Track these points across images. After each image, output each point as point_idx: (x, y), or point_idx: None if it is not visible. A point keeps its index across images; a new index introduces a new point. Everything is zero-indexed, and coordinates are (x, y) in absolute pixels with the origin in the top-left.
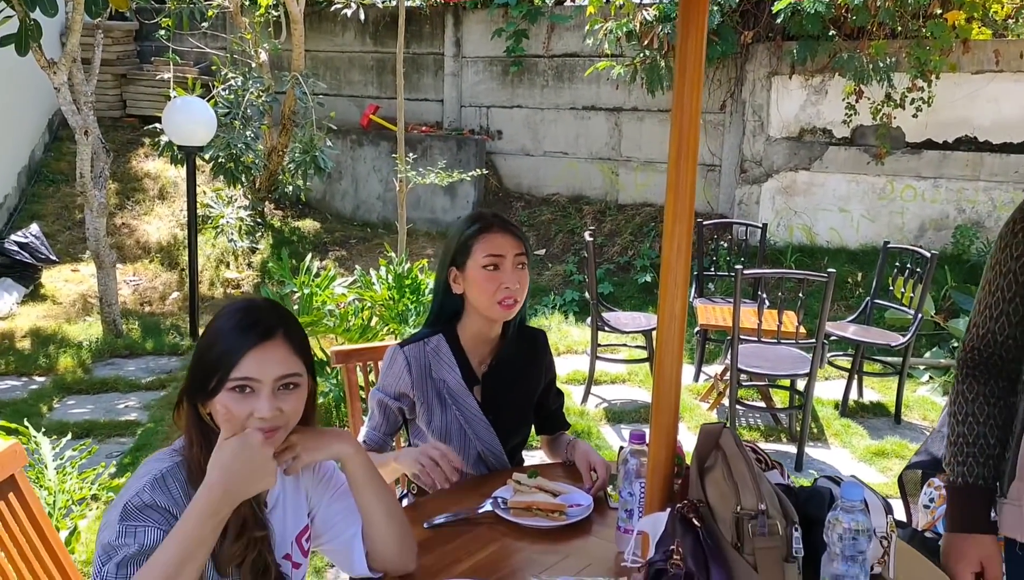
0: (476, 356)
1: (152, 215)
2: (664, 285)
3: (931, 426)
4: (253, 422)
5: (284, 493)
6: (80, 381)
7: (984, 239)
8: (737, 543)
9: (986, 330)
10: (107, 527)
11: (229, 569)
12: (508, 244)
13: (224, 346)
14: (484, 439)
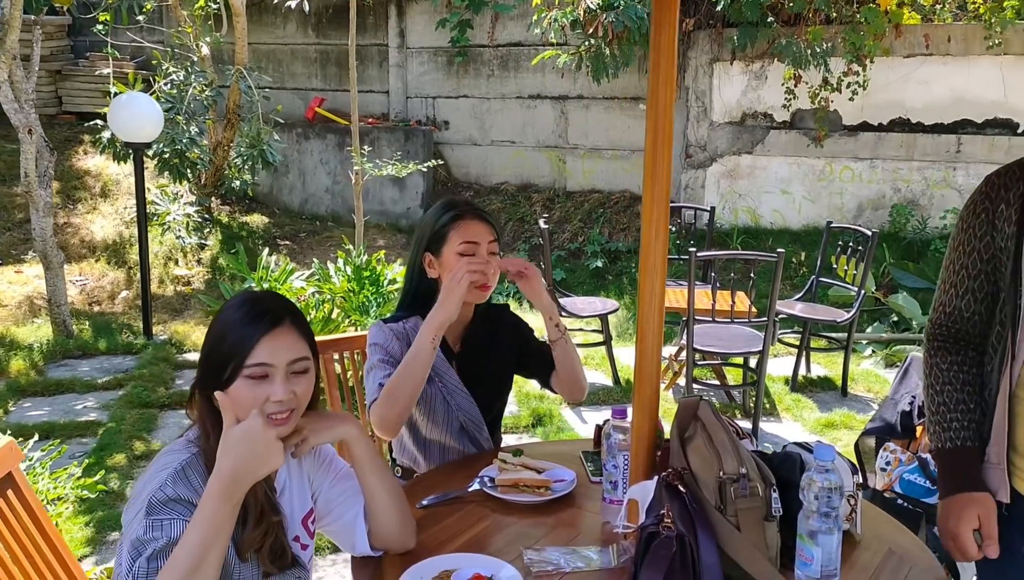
0: (451, 335)
1: (95, 214)
2: (644, 264)
3: (876, 398)
4: (269, 406)
5: (290, 478)
6: (34, 383)
7: (919, 217)
8: (720, 506)
9: (952, 308)
10: (132, 523)
11: (248, 555)
12: (482, 231)
13: (236, 336)
14: (465, 410)
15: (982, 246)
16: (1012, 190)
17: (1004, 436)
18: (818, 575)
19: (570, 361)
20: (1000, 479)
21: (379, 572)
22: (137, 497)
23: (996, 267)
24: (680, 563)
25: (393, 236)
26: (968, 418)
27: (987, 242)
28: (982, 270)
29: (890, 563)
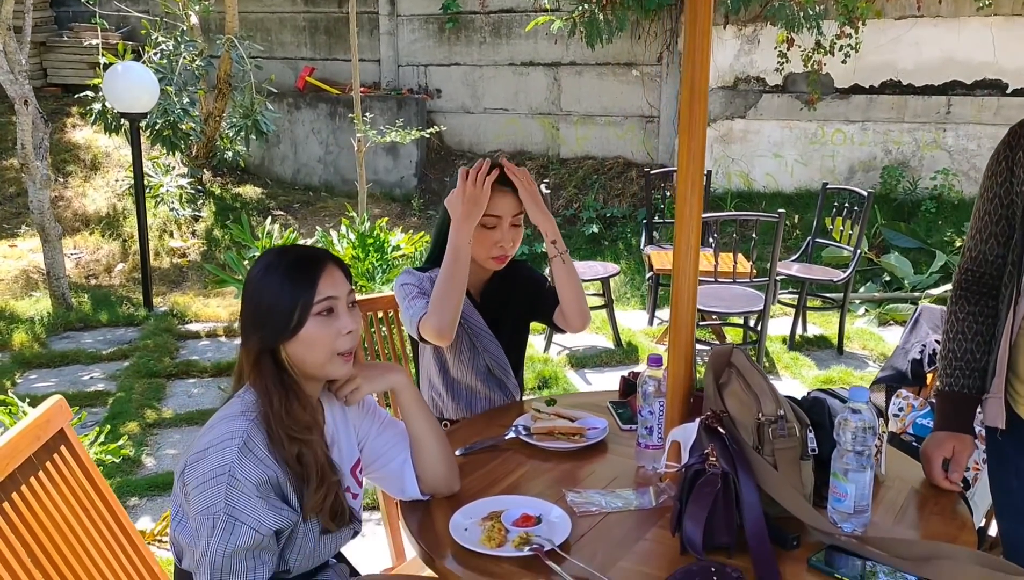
0: (473, 288)
1: (87, 187)
2: (680, 216)
3: (871, 355)
4: (342, 342)
5: (337, 431)
6: (39, 355)
7: (910, 178)
8: (758, 446)
9: (978, 252)
10: (210, 512)
11: (310, 515)
12: (507, 206)
13: (293, 281)
14: (491, 351)
15: (1002, 192)
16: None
17: (1005, 368)
18: (851, 510)
19: (570, 281)
20: (998, 408)
21: (428, 515)
22: (199, 464)
23: (1014, 212)
24: (724, 499)
25: (388, 205)
26: (972, 367)
27: (1007, 188)
28: (1003, 215)
29: (915, 500)
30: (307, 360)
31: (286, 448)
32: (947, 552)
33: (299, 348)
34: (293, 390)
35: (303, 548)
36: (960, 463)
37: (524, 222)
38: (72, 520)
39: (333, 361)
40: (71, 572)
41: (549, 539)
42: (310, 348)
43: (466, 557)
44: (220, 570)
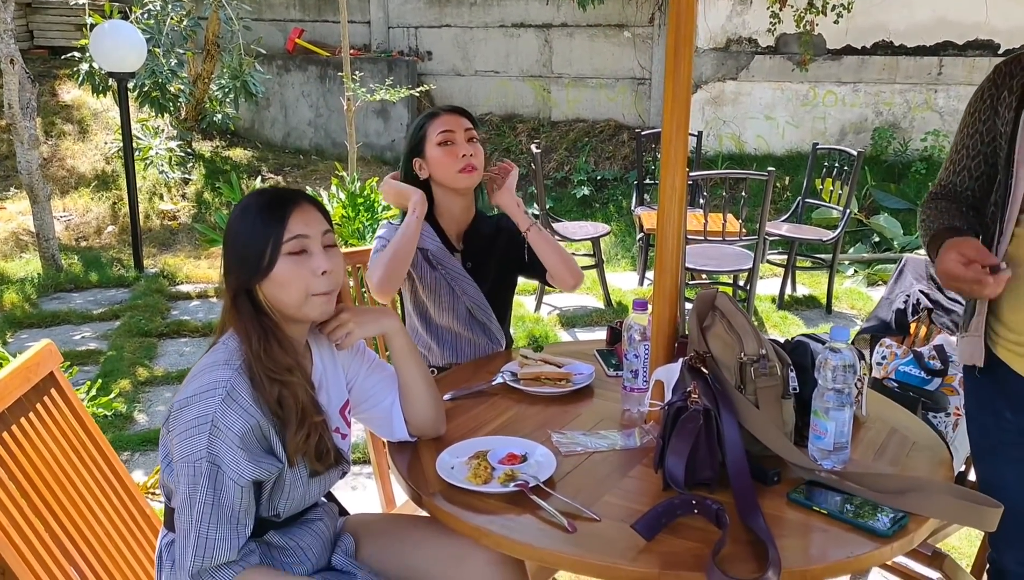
0: (452, 233)
1: (76, 149)
2: (666, 156)
3: (859, 314)
4: (316, 283)
5: (325, 372)
6: (30, 315)
7: (900, 140)
8: (740, 385)
9: (948, 182)
10: (187, 463)
11: (296, 459)
12: (457, 121)
13: (264, 220)
14: (470, 294)
15: (984, 129)
16: (1016, 78)
17: (985, 307)
18: (831, 447)
19: (548, 248)
20: (976, 345)
21: (416, 455)
22: (184, 411)
23: (995, 151)
24: (706, 436)
25: (379, 168)
26: (955, 227)
27: (989, 125)
28: (980, 152)
29: (894, 439)
30: (283, 300)
31: (267, 390)
32: (923, 485)
33: (274, 288)
34: (272, 331)
35: (292, 493)
36: (983, 253)
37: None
38: (63, 460)
39: (309, 302)
40: (63, 511)
41: (534, 476)
42: (284, 288)
43: (453, 494)
44: (201, 523)
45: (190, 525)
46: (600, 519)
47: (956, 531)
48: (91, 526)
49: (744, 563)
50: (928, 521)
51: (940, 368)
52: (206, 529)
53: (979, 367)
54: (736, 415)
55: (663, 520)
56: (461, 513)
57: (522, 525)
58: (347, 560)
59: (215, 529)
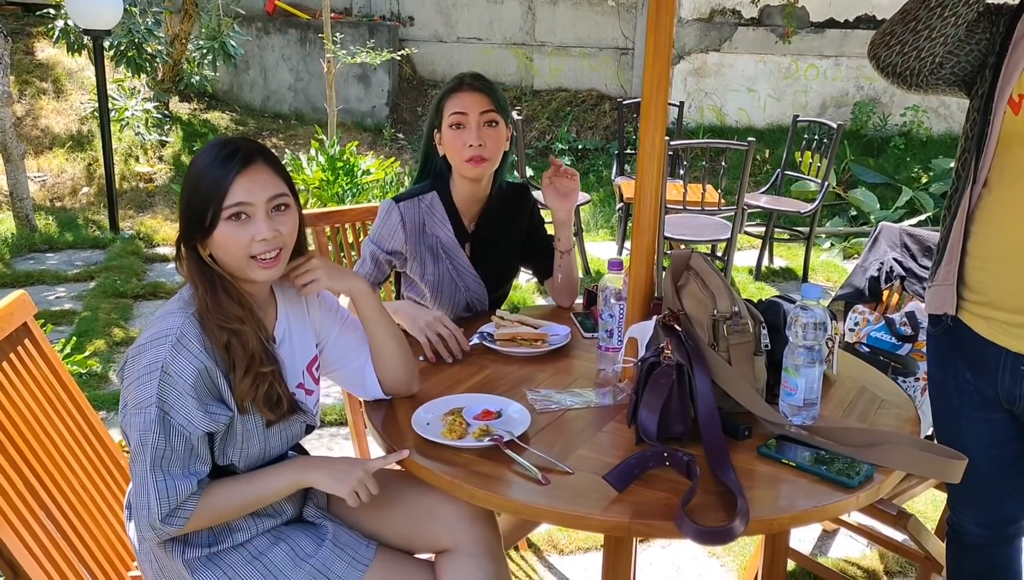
0: (467, 215)
1: (50, 109)
2: (646, 114)
3: (835, 286)
4: (255, 247)
5: (290, 327)
6: (3, 275)
7: (880, 114)
8: (713, 343)
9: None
10: (140, 405)
11: (246, 405)
12: (473, 102)
13: (210, 180)
14: (473, 290)
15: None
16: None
17: (957, 257)
18: (801, 403)
19: (572, 271)
20: (948, 294)
21: (392, 412)
22: (137, 359)
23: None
24: (678, 390)
25: (359, 134)
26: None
27: (988, 33)
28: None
29: (864, 397)
30: (225, 261)
31: (214, 336)
32: (889, 438)
33: (215, 248)
34: (220, 283)
35: (247, 442)
36: None
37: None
38: (36, 410)
39: (250, 265)
40: (36, 459)
41: (508, 431)
42: (224, 250)
43: (428, 448)
44: (156, 468)
45: (147, 473)
46: (573, 472)
47: (923, 491)
48: (64, 474)
49: (713, 512)
50: (894, 473)
51: (910, 334)
52: (163, 475)
53: (949, 319)
54: (708, 371)
55: (635, 472)
56: (436, 466)
57: (496, 478)
58: (318, 512)
59: (172, 473)
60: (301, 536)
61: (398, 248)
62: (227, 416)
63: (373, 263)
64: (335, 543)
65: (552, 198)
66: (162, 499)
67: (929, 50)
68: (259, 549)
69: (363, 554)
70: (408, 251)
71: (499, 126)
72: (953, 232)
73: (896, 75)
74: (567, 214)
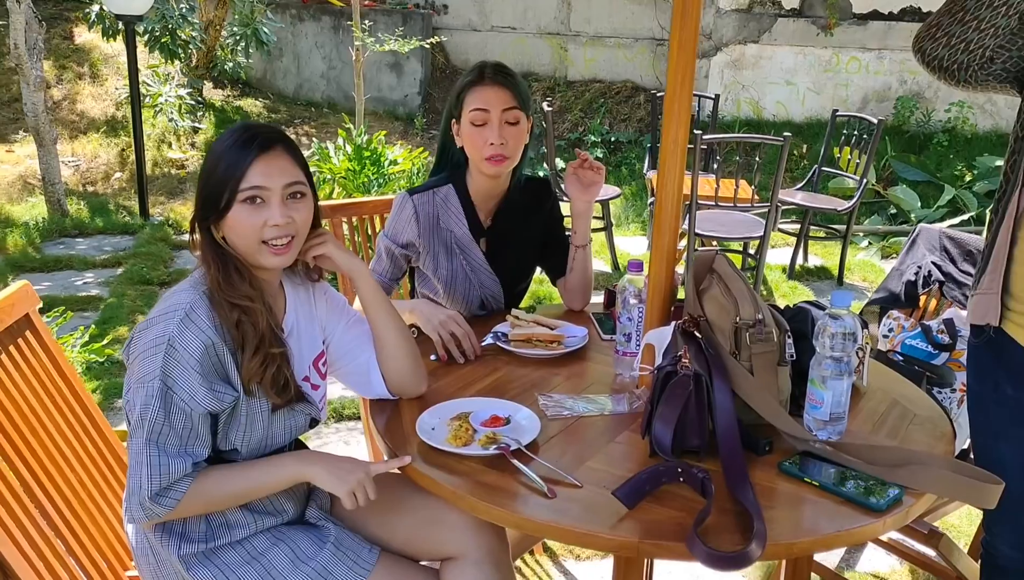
0: (483, 209)
1: (86, 94)
2: (669, 110)
3: (871, 286)
4: (268, 231)
5: (298, 321)
6: (32, 259)
7: (923, 110)
8: (735, 351)
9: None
10: (144, 382)
11: (252, 386)
12: (496, 98)
13: (228, 162)
14: (488, 287)
15: None
16: None
17: (1003, 264)
18: (827, 418)
19: (587, 269)
20: (991, 303)
21: (397, 414)
22: (143, 334)
23: None
24: (695, 401)
25: (391, 123)
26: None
27: None
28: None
29: (895, 411)
30: (237, 244)
31: (225, 312)
32: (920, 458)
33: (228, 230)
34: (232, 263)
35: (251, 427)
36: None
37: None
38: (35, 403)
39: (260, 250)
40: (32, 455)
41: (516, 439)
42: (237, 232)
43: (431, 455)
44: (152, 444)
45: (142, 447)
46: (582, 485)
47: (955, 509)
48: (62, 470)
49: (728, 534)
50: (924, 496)
51: (948, 342)
52: (158, 451)
53: (991, 329)
54: (729, 381)
55: (647, 487)
56: (438, 475)
57: (500, 489)
58: (320, 514)
59: (167, 450)
60: (302, 538)
61: (411, 240)
62: (232, 396)
63: (388, 259)
64: (337, 547)
65: (573, 188)
66: (154, 476)
67: (978, 42)
68: (258, 549)
69: (365, 559)
70: (421, 245)
71: (521, 123)
72: (999, 237)
73: (943, 69)
74: (586, 206)
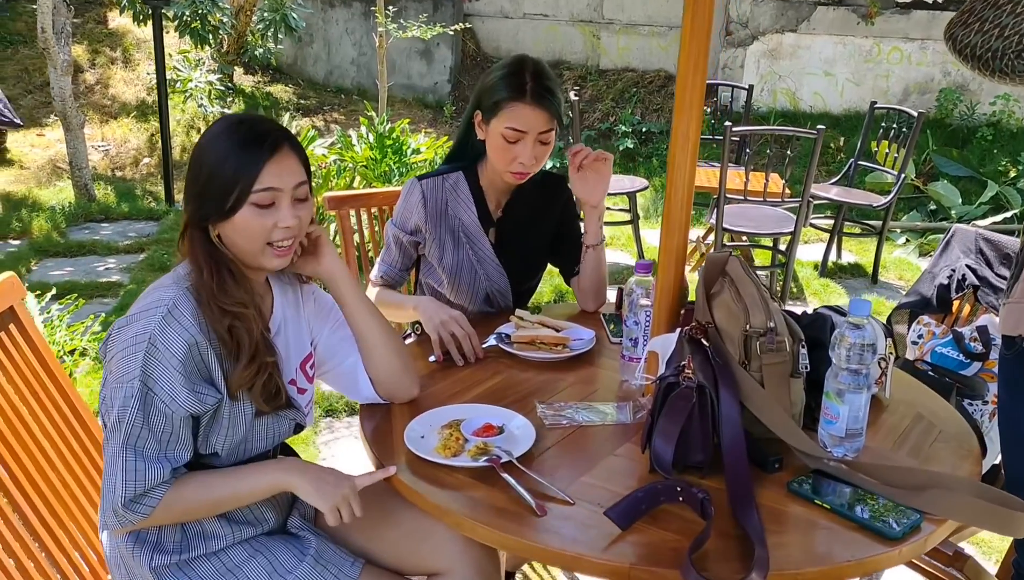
0: (493, 199)
1: (117, 79)
2: (680, 98)
3: (907, 286)
4: (276, 233)
5: (285, 321)
6: (56, 244)
7: (967, 103)
8: (744, 361)
9: None
10: (123, 382)
11: (239, 393)
12: (535, 121)
13: (238, 161)
14: (494, 280)
15: None
16: None
17: None
18: (842, 434)
19: (600, 270)
20: (1020, 314)
21: (387, 420)
22: (123, 331)
23: None
24: (699, 415)
25: (419, 111)
26: None
27: None
28: None
29: (919, 427)
30: (239, 246)
31: (216, 318)
32: (944, 482)
33: (231, 232)
34: (226, 266)
35: (232, 431)
36: None
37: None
38: (15, 399)
39: (265, 252)
40: (10, 453)
41: (508, 451)
42: (242, 236)
43: (419, 466)
44: (129, 448)
45: (118, 450)
46: (574, 502)
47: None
48: (43, 471)
49: (727, 562)
50: (945, 523)
51: (981, 351)
52: (135, 456)
53: (1020, 341)
54: (737, 393)
55: (643, 507)
56: (425, 487)
57: (488, 505)
58: (302, 523)
59: (145, 454)
60: (281, 549)
61: (419, 225)
62: (215, 398)
63: (398, 248)
64: (317, 559)
65: (581, 189)
66: (129, 481)
67: (1014, 27)
68: (234, 561)
69: (347, 573)
70: (428, 231)
71: (552, 139)
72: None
73: (976, 58)
74: (598, 199)
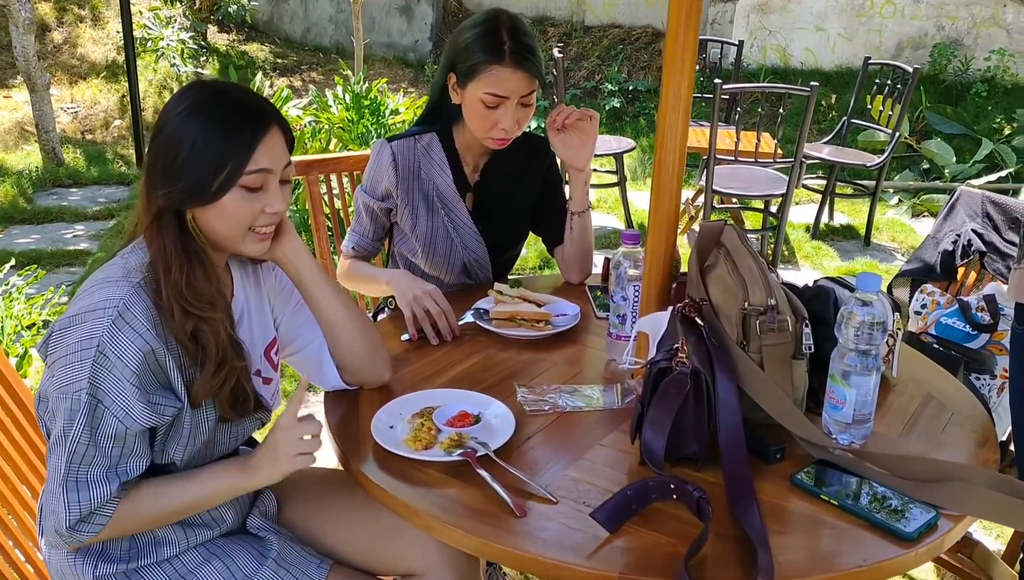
0: (470, 162)
1: (86, 38)
2: (669, 58)
3: (900, 247)
4: (262, 218)
5: (248, 305)
6: (23, 210)
7: (962, 58)
8: (742, 341)
9: None
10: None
11: (202, 401)
12: (516, 84)
13: (226, 140)
14: (472, 249)
15: None
16: None
17: None
18: (849, 419)
19: (586, 239)
20: None
21: (353, 409)
22: (65, 334)
23: None
24: (694, 402)
25: (400, 70)
26: None
27: None
28: None
29: (929, 408)
30: (218, 231)
31: (177, 322)
32: (958, 473)
33: (212, 217)
34: (198, 257)
35: (193, 440)
36: None
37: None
38: None
39: (247, 238)
40: None
41: (484, 442)
42: (225, 220)
43: (387, 461)
44: (74, 464)
45: (61, 471)
46: (557, 501)
47: None
48: None
49: (727, 567)
50: (964, 519)
51: (988, 322)
52: (80, 476)
53: None
54: (735, 377)
55: (633, 507)
56: (392, 484)
57: (462, 504)
58: (263, 523)
59: (91, 474)
60: (240, 552)
61: (389, 189)
62: (175, 407)
63: (368, 216)
64: (279, 562)
65: (565, 151)
66: (72, 504)
67: None
68: (187, 567)
69: (312, 575)
70: (399, 196)
71: (534, 101)
72: None
73: None
74: (584, 162)
